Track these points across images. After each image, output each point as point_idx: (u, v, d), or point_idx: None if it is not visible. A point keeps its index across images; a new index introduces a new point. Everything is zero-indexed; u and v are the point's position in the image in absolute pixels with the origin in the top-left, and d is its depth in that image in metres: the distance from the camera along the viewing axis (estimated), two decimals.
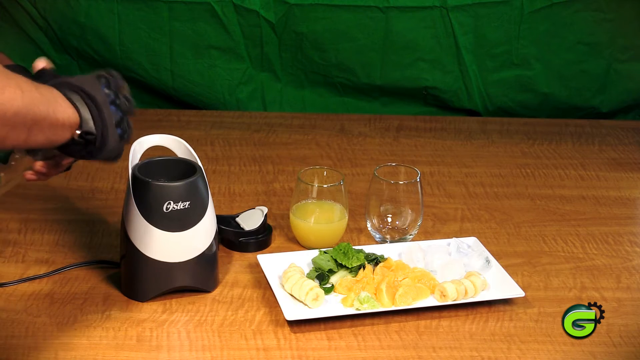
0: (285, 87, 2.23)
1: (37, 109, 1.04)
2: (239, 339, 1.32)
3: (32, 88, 1.04)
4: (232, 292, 1.43)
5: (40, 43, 2.15)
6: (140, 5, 2.11)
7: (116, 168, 1.82)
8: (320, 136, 2.04)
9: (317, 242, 1.55)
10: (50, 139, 1.09)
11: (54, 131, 1.09)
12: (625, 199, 1.81)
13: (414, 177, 1.56)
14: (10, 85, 1.01)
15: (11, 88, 1.00)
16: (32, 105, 1.03)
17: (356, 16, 2.12)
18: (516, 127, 2.14)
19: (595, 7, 2.14)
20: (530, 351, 1.32)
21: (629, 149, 2.04)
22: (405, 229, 1.57)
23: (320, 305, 1.38)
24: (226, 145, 1.98)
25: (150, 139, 1.44)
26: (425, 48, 2.16)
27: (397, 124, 2.13)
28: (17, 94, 1.01)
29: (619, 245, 1.63)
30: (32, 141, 1.06)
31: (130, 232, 1.36)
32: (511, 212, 1.73)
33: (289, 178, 1.83)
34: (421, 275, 1.43)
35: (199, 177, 1.37)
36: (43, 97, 1.06)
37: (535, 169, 1.92)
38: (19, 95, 1.01)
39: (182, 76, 2.18)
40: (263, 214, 1.57)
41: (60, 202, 1.68)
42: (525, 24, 2.15)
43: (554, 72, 2.21)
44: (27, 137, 1.04)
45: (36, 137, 1.06)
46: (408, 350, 1.31)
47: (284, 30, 2.14)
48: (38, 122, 1.05)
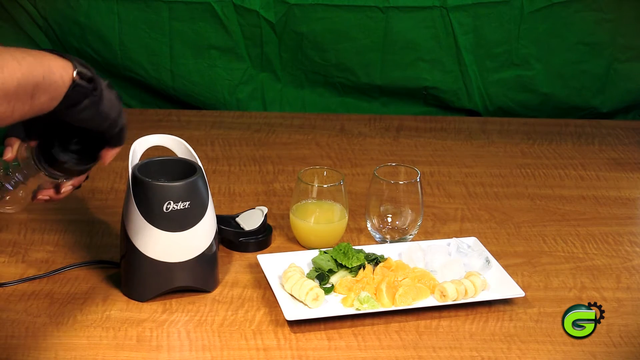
0: (285, 87, 2.23)
1: (36, 72, 1.06)
2: (239, 339, 1.32)
3: (25, 55, 1.06)
4: (232, 292, 1.43)
5: (40, 43, 2.15)
6: (140, 5, 2.11)
7: (116, 168, 1.82)
8: (320, 136, 2.04)
9: (317, 242, 1.55)
10: (52, 96, 1.11)
11: (54, 87, 1.10)
12: (625, 199, 1.81)
13: (414, 177, 1.56)
14: (6, 59, 1.03)
15: (8, 62, 1.02)
16: (30, 72, 1.05)
17: (356, 16, 2.12)
18: (516, 127, 2.14)
19: (595, 7, 2.14)
20: (530, 351, 1.32)
21: (629, 149, 2.04)
22: (405, 229, 1.57)
23: (320, 305, 1.38)
24: (226, 145, 1.98)
25: (150, 139, 1.44)
26: (425, 48, 2.16)
27: (397, 124, 2.13)
28: (15, 67, 1.03)
29: (619, 245, 1.63)
30: (36, 105, 1.08)
31: (130, 232, 1.36)
32: (511, 212, 1.73)
33: (289, 178, 1.83)
34: (421, 275, 1.43)
35: (199, 177, 1.37)
36: (36, 59, 1.08)
37: (535, 169, 1.92)
38: (16, 67, 1.03)
39: (182, 76, 2.18)
40: (263, 214, 1.57)
41: (60, 202, 1.66)
42: (525, 24, 2.15)
43: (554, 72, 2.21)
44: (31, 103, 1.06)
45: (39, 99, 1.08)
46: (408, 350, 1.31)
47: (284, 30, 2.14)
48: (38, 85, 1.07)
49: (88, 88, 1.15)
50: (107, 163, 1.24)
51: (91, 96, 1.16)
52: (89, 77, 1.14)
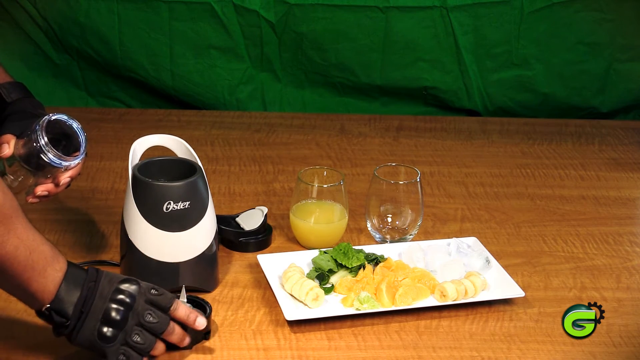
0: (285, 87, 2.23)
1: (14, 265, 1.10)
2: (239, 339, 1.32)
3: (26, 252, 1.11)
4: (232, 292, 1.43)
5: (40, 43, 2.15)
6: (140, 5, 2.10)
7: (116, 168, 1.82)
8: (320, 136, 2.04)
9: (317, 242, 1.55)
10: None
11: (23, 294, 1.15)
12: (625, 199, 1.81)
13: (414, 177, 1.56)
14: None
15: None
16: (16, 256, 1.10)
17: (356, 16, 2.12)
18: (516, 127, 2.14)
19: (595, 7, 2.14)
20: (530, 351, 1.32)
21: (629, 149, 2.04)
22: (405, 229, 1.57)
23: (320, 305, 1.38)
24: (226, 145, 1.98)
25: (150, 139, 1.44)
26: (425, 48, 2.16)
27: (397, 124, 2.13)
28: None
29: (619, 245, 1.63)
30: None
31: (130, 232, 1.36)
32: (511, 212, 1.73)
33: (289, 178, 1.83)
34: (421, 275, 1.43)
35: (199, 177, 1.37)
36: (28, 261, 1.11)
37: (535, 169, 1.92)
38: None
39: (182, 76, 2.18)
40: (263, 214, 1.57)
41: (60, 202, 1.68)
42: (525, 24, 2.15)
43: (554, 72, 2.21)
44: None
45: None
46: (408, 350, 1.31)
47: (284, 30, 2.14)
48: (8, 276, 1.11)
49: (54, 321, 1.16)
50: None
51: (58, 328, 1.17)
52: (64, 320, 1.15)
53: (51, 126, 1.29)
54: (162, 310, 1.19)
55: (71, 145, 1.33)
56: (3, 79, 1.49)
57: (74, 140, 1.32)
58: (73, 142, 1.33)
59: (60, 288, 1.14)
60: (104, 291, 1.16)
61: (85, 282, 1.16)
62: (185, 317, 1.22)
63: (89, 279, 1.16)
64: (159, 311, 1.19)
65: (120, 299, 1.16)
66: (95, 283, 1.16)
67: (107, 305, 1.16)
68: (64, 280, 1.14)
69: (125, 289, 1.17)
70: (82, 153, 1.33)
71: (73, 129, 1.32)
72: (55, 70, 2.19)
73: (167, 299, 1.20)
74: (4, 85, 1.46)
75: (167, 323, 1.19)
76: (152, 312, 1.18)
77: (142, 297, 1.18)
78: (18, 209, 1.10)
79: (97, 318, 1.15)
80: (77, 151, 1.33)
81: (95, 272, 1.18)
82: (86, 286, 1.16)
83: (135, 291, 1.18)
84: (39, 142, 1.26)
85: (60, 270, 1.14)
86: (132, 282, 1.18)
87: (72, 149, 1.33)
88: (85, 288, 1.15)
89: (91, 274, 1.17)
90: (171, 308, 1.20)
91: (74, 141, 1.32)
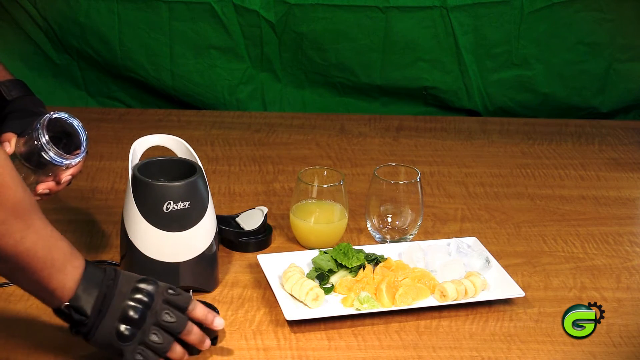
0: (285, 87, 2.23)
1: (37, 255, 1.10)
2: (239, 339, 1.32)
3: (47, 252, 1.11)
4: (232, 292, 1.43)
5: (40, 43, 2.15)
6: (140, 5, 2.10)
7: (116, 168, 1.82)
8: (320, 136, 2.04)
9: (317, 242, 1.55)
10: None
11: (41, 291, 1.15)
12: (625, 199, 1.81)
13: (414, 177, 1.56)
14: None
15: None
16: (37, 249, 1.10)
17: (356, 16, 2.12)
18: (516, 127, 2.14)
19: (595, 7, 2.14)
20: (530, 351, 1.32)
21: (629, 149, 2.04)
22: (405, 229, 1.57)
23: (320, 305, 1.38)
24: (226, 145, 1.98)
25: (150, 139, 1.44)
26: (425, 48, 2.16)
27: (397, 124, 2.13)
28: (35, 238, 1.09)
29: (619, 245, 1.63)
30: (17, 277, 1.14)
31: (130, 232, 1.36)
32: (511, 212, 1.73)
33: (289, 178, 1.83)
34: (421, 275, 1.43)
35: (199, 177, 1.37)
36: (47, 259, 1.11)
37: (535, 169, 1.92)
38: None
39: (182, 76, 2.18)
40: (263, 214, 1.57)
41: (60, 202, 1.68)
42: (525, 24, 2.15)
43: (554, 72, 2.21)
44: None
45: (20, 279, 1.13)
46: (408, 350, 1.31)
47: (284, 30, 2.14)
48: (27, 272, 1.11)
49: (74, 319, 1.15)
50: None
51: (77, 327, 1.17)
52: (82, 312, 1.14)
53: (52, 124, 1.29)
54: (179, 310, 1.19)
55: (72, 144, 1.33)
56: (3, 76, 1.49)
57: (75, 138, 1.33)
58: (74, 140, 1.33)
59: (80, 286, 1.13)
60: (123, 290, 1.16)
61: (104, 280, 1.15)
62: (203, 317, 1.21)
63: (108, 277, 1.16)
64: (177, 311, 1.18)
65: (139, 297, 1.16)
66: (114, 282, 1.16)
67: (126, 303, 1.15)
68: (82, 278, 1.14)
69: (143, 288, 1.17)
70: (83, 151, 1.33)
71: (74, 127, 1.32)
72: (55, 70, 2.19)
73: (184, 299, 1.19)
74: (4, 83, 1.46)
75: (185, 323, 1.19)
76: (169, 312, 1.17)
77: (160, 297, 1.18)
78: (36, 205, 1.10)
79: (116, 316, 1.15)
80: (77, 149, 1.33)
81: (114, 271, 1.18)
82: (105, 284, 1.15)
83: (154, 290, 1.17)
84: (40, 141, 1.27)
85: (79, 267, 1.14)
86: (150, 281, 1.18)
87: (73, 147, 1.33)
88: (104, 286, 1.15)
89: (109, 272, 1.17)
90: (189, 308, 1.20)
91: (75, 139, 1.33)
